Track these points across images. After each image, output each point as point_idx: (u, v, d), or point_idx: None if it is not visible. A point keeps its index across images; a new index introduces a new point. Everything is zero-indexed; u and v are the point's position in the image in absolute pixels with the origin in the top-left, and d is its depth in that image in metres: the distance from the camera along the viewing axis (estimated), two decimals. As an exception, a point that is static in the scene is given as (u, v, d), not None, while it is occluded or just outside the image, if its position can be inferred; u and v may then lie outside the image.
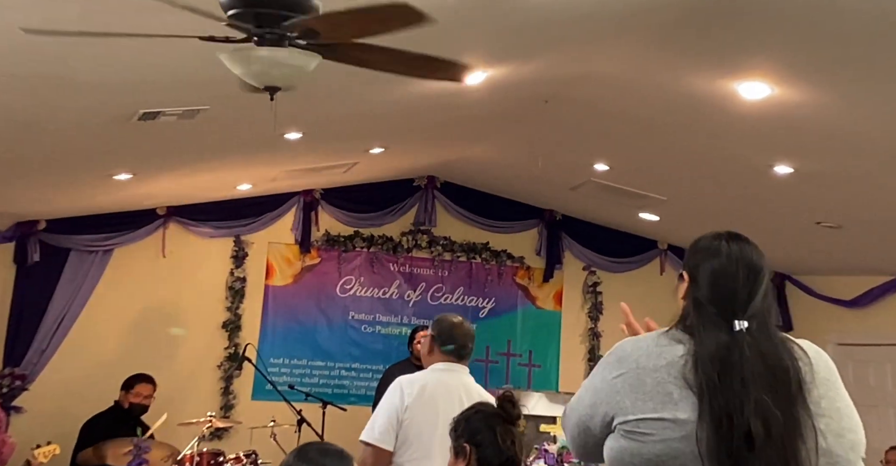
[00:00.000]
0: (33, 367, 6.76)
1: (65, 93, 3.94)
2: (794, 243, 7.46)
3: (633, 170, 6.72)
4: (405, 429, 3.57)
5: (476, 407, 2.83)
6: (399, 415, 3.58)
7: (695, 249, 1.94)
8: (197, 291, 7.44)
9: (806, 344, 1.86)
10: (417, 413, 3.58)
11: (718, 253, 1.87)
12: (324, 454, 2.48)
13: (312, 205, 7.80)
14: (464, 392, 3.65)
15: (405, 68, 3.09)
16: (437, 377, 3.72)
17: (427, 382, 3.68)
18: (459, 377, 3.75)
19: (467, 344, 3.80)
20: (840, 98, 4.56)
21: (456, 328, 3.81)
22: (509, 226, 8.35)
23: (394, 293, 8.02)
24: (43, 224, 6.87)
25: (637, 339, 1.91)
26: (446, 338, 3.79)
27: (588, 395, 1.90)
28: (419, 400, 3.60)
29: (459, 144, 7.08)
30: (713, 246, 1.89)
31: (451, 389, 3.65)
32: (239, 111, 4.68)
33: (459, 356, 3.78)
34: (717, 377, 1.72)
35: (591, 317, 8.48)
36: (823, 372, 1.82)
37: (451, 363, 3.76)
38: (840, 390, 1.84)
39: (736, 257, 1.86)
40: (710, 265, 1.86)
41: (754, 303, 1.81)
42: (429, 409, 3.58)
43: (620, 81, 5.01)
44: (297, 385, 6.84)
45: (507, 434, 2.70)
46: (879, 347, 7.89)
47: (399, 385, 3.67)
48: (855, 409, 1.84)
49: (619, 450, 1.80)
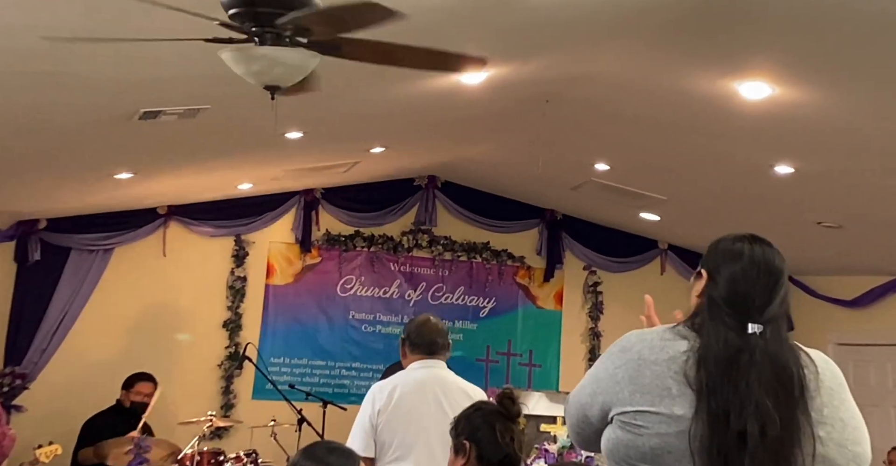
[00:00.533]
0: (34, 366, 6.76)
1: (65, 92, 3.94)
2: (795, 243, 7.45)
3: (633, 170, 6.72)
4: (380, 433, 3.61)
5: (477, 405, 2.85)
6: (372, 421, 3.62)
7: (716, 250, 1.93)
8: (197, 290, 7.44)
9: (815, 353, 1.86)
10: (389, 416, 3.61)
11: (741, 256, 1.87)
12: (330, 452, 2.49)
13: (313, 204, 7.80)
14: (438, 387, 3.67)
15: (408, 62, 3.09)
16: (409, 377, 3.74)
17: (398, 383, 3.70)
18: (434, 372, 3.75)
19: (435, 340, 3.79)
20: (841, 98, 4.56)
21: (422, 326, 3.83)
22: (510, 226, 8.35)
23: (394, 293, 8.02)
24: (44, 223, 6.88)
25: (643, 332, 1.91)
26: (414, 337, 3.81)
27: (590, 384, 1.91)
28: (389, 403, 3.63)
29: (460, 143, 7.08)
30: (736, 249, 1.89)
31: (424, 385, 3.67)
32: (240, 111, 4.69)
33: (430, 352, 3.78)
34: (720, 377, 1.72)
35: (591, 317, 8.48)
36: (829, 382, 1.82)
37: (425, 360, 3.77)
38: (846, 401, 1.83)
39: (759, 260, 1.86)
40: (732, 268, 1.86)
41: (772, 307, 1.82)
42: (401, 409, 3.62)
43: (621, 80, 5.01)
44: (298, 385, 6.85)
45: (507, 431, 2.70)
46: (880, 347, 7.89)
47: (371, 393, 3.72)
48: (863, 422, 1.84)
49: (616, 441, 1.81)
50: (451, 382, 3.74)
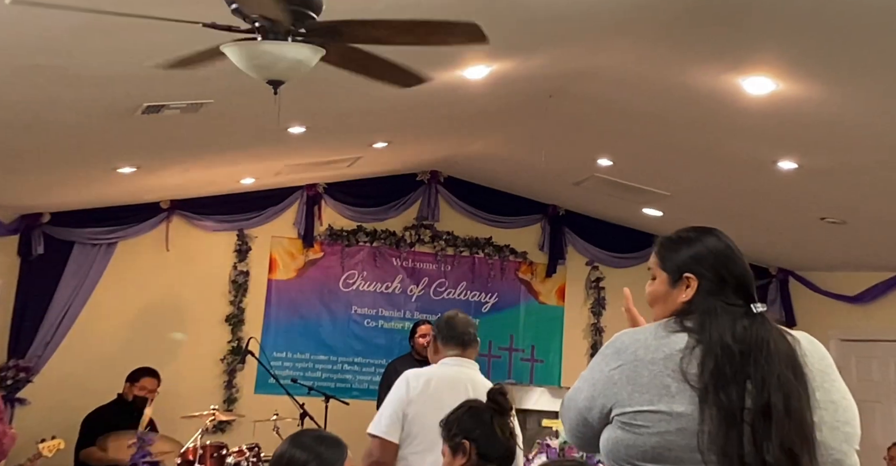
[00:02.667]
0: (38, 359, 6.78)
1: (69, 86, 3.94)
2: (798, 238, 7.45)
3: (636, 165, 6.71)
4: (409, 423, 3.57)
5: (465, 405, 2.83)
6: (404, 408, 3.59)
7: (678, 244, 1.93)
8: (200, 284, 7.45)
9: (800, 335, 1.84)
10: (421, 406, 3.57)
11: (704, 241, 1.90)
12: (319, 441, 2.45)
13: (316, 199, 7.80)
14: (470, 386, 3.64)
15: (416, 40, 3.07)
16: (443, 372, 3.72)
17: (433, 376, 3.68)
18: (467, 372, 3.73)
19: (468, 330, 3.79)
20: (845, 94, 4.55)
21: (451, 320, 3.83)
22: (512, 221, 8.35)
23: (396, 288, 8.03)
24: (47, 217, 6.89)
25: (635, 331, 1.90)
26: (445, 331, 3.80)
27: (586, 387, 1.89)
28: (424, 394, 3.60)
29: (463, 139, 7.08)
30: (696, 236, 1.92)
31: (456, 383, 3.64)
32: (243, 105, 4.68)
33: (462, 342, 3.77)
34: (734, 364, 1.71)
35: (593, 312, 8.48)
36: (818, 364, 1.80)
37: (458, 358, 3.75)
38: (836, 382, 1.82)
39: (729, 242, 1.90)
40: (713, 253, 1.88)
41: None
42: (433, 403, 3.56)
43: (625, 76, 5.01)
44: (300, 379, 6.87)
45: (505, 426, 2.70)
46: (883, 343, 7.89)
47: (406, 379, 3.68)
48: (853, 401, 1.83)
49: (615, 441, 1.80)
50: (480, 382, 3.70)
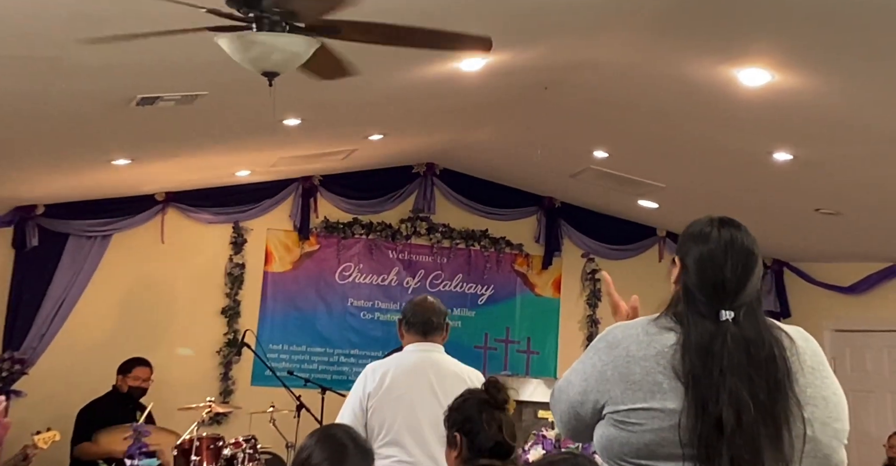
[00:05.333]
0: (33, 351, 6.77)
1: (63, 77, 3.93)
2: (793, 229, 7.47)
3: (632, 157, 6.71)
4: (370, 418, 3.53)
5: (465, 395, 2.83)
6: (362, 404, 3.55)
7: (686, 234, 1.90)
8: (196, 277, 7.44)
9: (795, 331, 1.84)
10: (380, 399, 3.54)
11: (708, 239, 1.83)
12: (357, 452, 2.50)
13: (311, 191, 7.79)
14: (433, 372, 3.59)
15: (410, 42, 3.08)
16: (403, 360, 3.67)
17: (390, 367, 3.62)
18: (429, 355, 3.66)
19: (430, 318, 3.68)
20: (840, 85, 4.55)
21: (417, 306, 3.74)
22: (508, 213, 8.35)
23: (393, 280, 8.03)
24: (41, 209, 6.87)
25: (626, 325, 1.89)
26: (409, 316, 3.72)
27: (578, 381, 1.89)
28: (381, 386, 3.55)
29: (459, 130, 7.07)
30: (703, 232, 1.85)
31: (417, 369, 3.60)
32: (238, 97, 4.67)
33: (424, 331, 3.68)
34: (700, 367, 1.72)
35: (589, 304, 8.49)
36: (810, 361, 1.81)
37: (420, 343, 3.68)
38: (827, 378, 1.82)
39: (726, 243, 1.82)
40: (699, 252, 1.83)
41: (745, 292, 1.79)
42: (392, 394, 3.54)
43: (620, 67, 5.00)
44: (297, 371, 6.86)
45: (493, 419, 2.68)
46: (877, 333, 7.92)
47: (364, 374, 3.64)
48: (843, 397, 1.83)
49: (609, 439, 1.81)
50: (445, 366, 3.65)
